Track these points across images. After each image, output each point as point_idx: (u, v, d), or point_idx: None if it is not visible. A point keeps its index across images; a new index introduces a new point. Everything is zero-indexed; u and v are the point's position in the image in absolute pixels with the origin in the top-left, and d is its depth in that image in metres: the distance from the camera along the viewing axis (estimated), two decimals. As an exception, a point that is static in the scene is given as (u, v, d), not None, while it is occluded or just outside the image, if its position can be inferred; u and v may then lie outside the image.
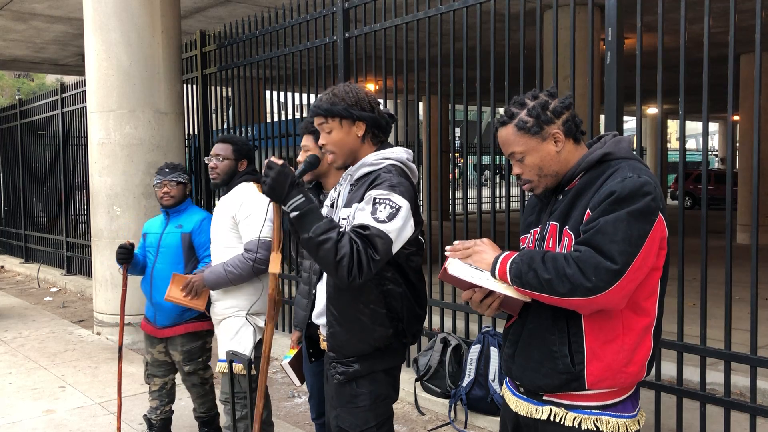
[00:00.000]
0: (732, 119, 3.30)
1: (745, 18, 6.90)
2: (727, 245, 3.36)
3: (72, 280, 9.68)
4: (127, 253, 3.60)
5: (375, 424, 2.34)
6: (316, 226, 2.09)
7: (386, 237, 2.13)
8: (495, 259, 1.86)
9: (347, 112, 2.29)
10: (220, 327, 3.46)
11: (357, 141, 2.34)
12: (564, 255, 1.75)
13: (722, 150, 32.34)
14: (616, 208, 1.74)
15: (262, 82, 6.58)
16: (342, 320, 2.30)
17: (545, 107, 1.89)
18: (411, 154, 2.42)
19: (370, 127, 2.34)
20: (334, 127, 2.32)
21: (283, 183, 2.12)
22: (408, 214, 2.21)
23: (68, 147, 10.09)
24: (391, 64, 5.17)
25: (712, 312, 3.66)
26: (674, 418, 3.67)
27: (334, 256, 2.06)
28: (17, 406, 4.71)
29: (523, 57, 4.27)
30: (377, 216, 2.14)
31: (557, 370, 1.85)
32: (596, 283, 1.69)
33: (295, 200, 2.11)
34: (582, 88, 6.90)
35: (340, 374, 2.33)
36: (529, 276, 1.77)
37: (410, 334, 2.38)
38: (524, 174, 1.95)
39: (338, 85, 2.37)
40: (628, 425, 1.88)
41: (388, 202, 2.17)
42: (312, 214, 2.11)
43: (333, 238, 2.07)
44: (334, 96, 2.31)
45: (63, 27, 10.78)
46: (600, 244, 1.71)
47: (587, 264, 1.70)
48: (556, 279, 1.72)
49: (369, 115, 2.32)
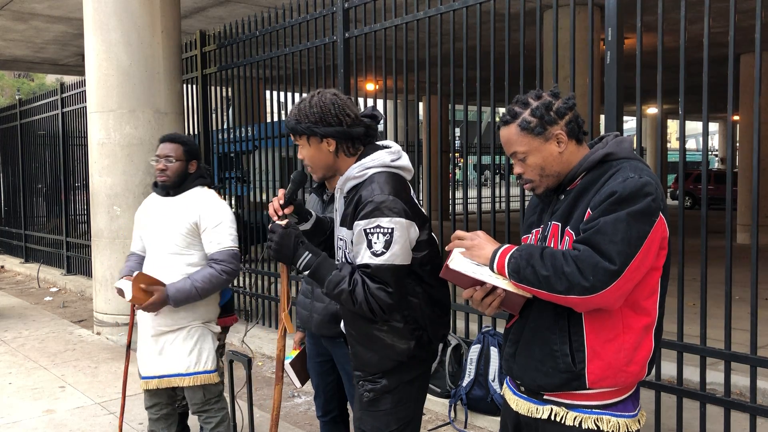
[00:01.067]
0: (732, 119, 3.30)
1: (745, 18, 6.90)
2: (727, 245, 3.36)
3: (72, 280, 9.68)
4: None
5: (396, 428, 2.32)
6: (328, 281, 2.17)
7: (391, 266, 2.13)
8: (493, 253, 1.86)
9: (310, 131, 2.22)
10: (168, 336, 3.25)
11: (330, 156, 2.27)
12: (563, 252, 1.76)
13: (722, 150, 32.34)
14: (616, 208, 1.74)
15: (262, 82, 6.58)
16: (362, 340, 2.29)
17: (549, 108, 1.89)
18: (396, 150, 2.29)
19: (342, 140, 2.24)
20: (303, 144, 2.28)
21: (288, 244, 2.20)
22: (403, 227, 2.15)
23: (68, 147, 10.09)
24: (391, 64, 5.16)
25: (712, 312, 3.66)
26: (674, 418, 3.67)
27: (353, 304, 2.15)
28: (17, 406, 4.71)
29: (523, 57, 4.27)
30: (374, 249, 2.12)
31: (558, 369, 1.85)
32: (593, 282, 1.70)
33: (303, 259, 2.20)
34: (582, 88, 6.90)
35: (369, 392, 2.31)
36: (527, 271, 1.77)
37: (436, 340, 2.34)
38: (526, 174, 1.95)
39: (305, 98, 2.28)
40: (628, 424, 1.88)
41: (379, 230, 2.12)
42: (321, 268, 2.19)
43: (345, 289, 2.14)
44: (299, 113, 2.24)
45: (63, 27, 10.79)
46: (599, 243, 1.72)
47: (585, 263, 1.70)
48: (554, 276, 1.73)
49: (336, 129, 2.22)
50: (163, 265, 3.23)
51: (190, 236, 3.21)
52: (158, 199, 3.35)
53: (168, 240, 3.23)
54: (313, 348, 3.07)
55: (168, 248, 3.23)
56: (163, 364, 3.26)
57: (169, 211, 3.26)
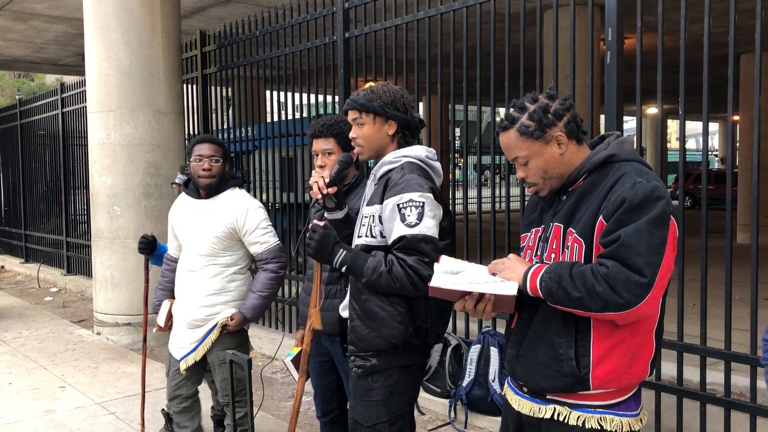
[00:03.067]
0: (732, 119, 3.30)
1: (745, 18, 6.89)
2: (727, 245, 3.36)
3: (72, 280, 9.68)
4: (147, 243, 3.57)
5: (387, 419, 2.38)
6: (366, 267, 2.26)
7: (426, 237, 2.25)
8: (524, 276, 1.86)
9: (382, 110, 2.39)
10: (200, 330, 3.31)
11: (386, 138, 2.43)
12: (591, 270, 1.74)
13: (722, 150, 32.34)
14: (632, 216, 1.73)
15: (262, 82, 6.58)
16: (363, 315, 2.36)
17: (546, 110, 1.88)
18: (433, 152, 2.47)
19: (401, 127, 2.43)
20: (367, 122, 2.42)
21: (327, 244, 2.31)
22: (433, 202, 2.29)
23: (68, 147, 10.09)
24: (391, 64, 5.16)
25: (712, 312, 3.66)
26: (674, 418, 3.67)
27: (394, 284, 2.23)
28: (17, 406, 4.71)
29: (523, 57, 4.27)
30: (408, 221, 2.24)
31: (562, 373, 1.85)
32: (628, 298, 1.70)
33: (339, 256, 2.30)
34: (582, 88, 6.90)
35: (358, 368, 2.40)
36: (560, 294, 1.77)
37: (434, 334, 2.43)
38: (529, 177, 1.94)
39: (377, 84, 2.47)
40: (631, 423, 1.89)
41: (411, 204, 2.25)
42: (357, 261, 2.29)
43: (383, 271, 2.23)
44: (372, 93, 2.42)
45: (63, 27, 10.79)
46: (626, 257, 1.71)
47: (616, 280, 1.70)
48: (587, 297, 1.73)
49: (402, 115, 2.41)
50: (200, 265, 3.28)
51: (228, 239, 3.25)
52: (191, 201, 3.33)
53: (204, 242, 3.25)
54: (313, 347, 3.07)
55: (204, 250, 3.26)
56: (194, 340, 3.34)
57: (206, 214, 3.27)
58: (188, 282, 3.31)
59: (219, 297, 3.28)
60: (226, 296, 3.29)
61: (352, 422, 2.44)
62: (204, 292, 3.27)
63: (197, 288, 3.28)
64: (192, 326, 3.32)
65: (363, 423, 2.40)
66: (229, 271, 3.30)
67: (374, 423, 2.38)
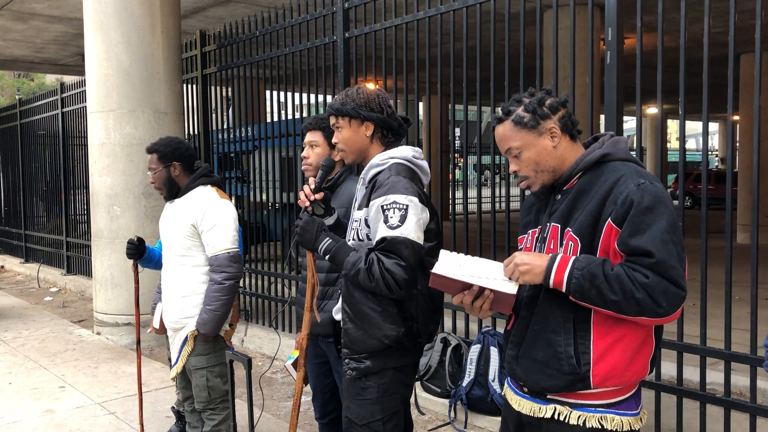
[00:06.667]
0: (732, 119, 3.30)
1: (745, 18, 6.90)
2: (727, 245, 3.36)
3: (72, 280, 9.68)
4: (134, 248, 3.58)
5: (381, 417, 2.39)
6: (346, 261, 2.29)
7: (406, 240, 2.25)
8: (547, 269, 1.81)
9: (355, 112, 2.41)
10: (178, 335, 3.33)
11: (365, 140, 2.45)
12: (629, 276, 1.73)
13: (722, 150, 32.34)
14: (644, 219, 1.74)
15: (262, 82, 6.58)
16: (354, 317, 2.37)
17: (541, 102, 1.91)
18: (419, 152, 2.48)
19: (379, 127, 2.44)
20: (343, 125, 2.45)
21: (311, 230, 2.37)
22: (417, 206, 2.29)
23: (68, 147, 10.09)
24: (391, 64, 5.16)
25: (712, 312, 3.66)
26: (674, 418, 3.67)
27: (370, 282, 2.25)
28: (17, 406, 4.71)
29: (523, 57, 4.27)
30: (390, 223, 2.25)
31: (562, 372, 1.85)
32: (667, 308, 1.73)
33: (324, 243, 2.35)
34: (582, 88, 6.90)
35: (353, 370, 2.40)
36: (592, 293, 1.76)
37: (425, 334, 2.45)
38: (521, 170, 1.95)
39: (352, 87, 2.49)
40: (631, 423, 1.89)
41: (395, 206, 2.26)
42: (341, 251, 2.32)
43: (362, 268, 2.25)
44: (346, 97, 2.45)
45: (63, 27, 10.79)
46: (663, 272, 1.73)
47: (656, 290, 1.72)
48: (624, 301, 1.73)
49: (377, 116, 2.43)
50: (174, 266, 3.30)
51: (191, 238, 3.23)
52: (168, 203, 3.43)
53: (174, 243, 3.28)
54: (311, 349, 3.08)
55: (175, 251, 3.28)
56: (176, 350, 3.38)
57: (173, 215, 3.32)
58: (165, 283, 3.37)
59: (190, 299, 3.25)
60: (197, 298, 3.24)
61: (347, 421, 2.45)
62: (178, 293, 3.28)
63: (172, 289, 3.31)
64: (171, 329, 3.37)
65: (357, 422, 2.41)
66: (197, 271, 3.24)
67: (368, 421, 2.39)
